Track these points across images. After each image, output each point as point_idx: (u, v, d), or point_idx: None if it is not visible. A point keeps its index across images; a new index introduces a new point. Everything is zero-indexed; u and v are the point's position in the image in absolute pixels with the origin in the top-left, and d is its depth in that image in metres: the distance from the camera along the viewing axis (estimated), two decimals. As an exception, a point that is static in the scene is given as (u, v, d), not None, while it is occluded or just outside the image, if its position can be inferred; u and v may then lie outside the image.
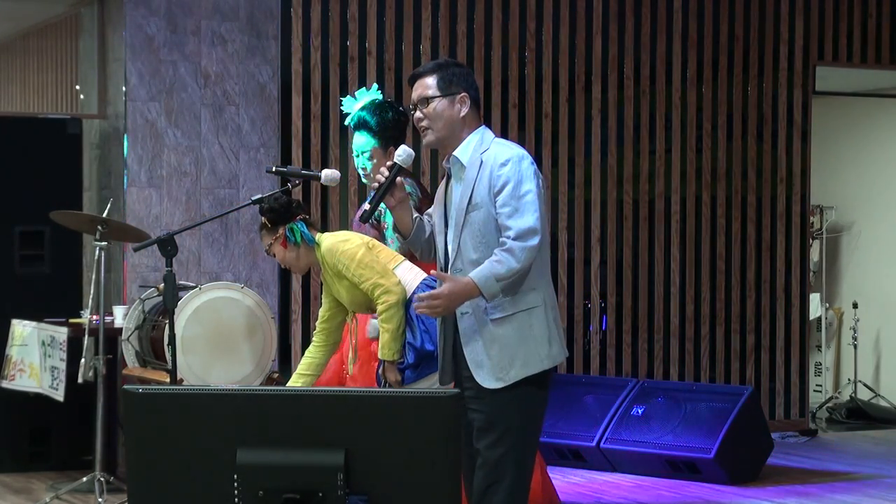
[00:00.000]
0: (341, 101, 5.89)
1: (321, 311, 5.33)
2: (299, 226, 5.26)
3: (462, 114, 4.37)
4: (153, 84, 7.53)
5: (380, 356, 5.10)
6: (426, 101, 4.38)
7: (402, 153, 4.32)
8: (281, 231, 5.26)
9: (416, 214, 4.44)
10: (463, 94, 4.36)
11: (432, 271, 4.85)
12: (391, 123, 5.71)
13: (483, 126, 4.42)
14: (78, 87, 8.43)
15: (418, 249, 4.50)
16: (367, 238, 5.26)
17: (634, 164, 8.63)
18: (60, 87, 8.86)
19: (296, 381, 5.27)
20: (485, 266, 4.21)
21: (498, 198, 4.26)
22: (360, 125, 5.66)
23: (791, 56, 9.01)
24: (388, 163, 4.34)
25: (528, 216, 4.23)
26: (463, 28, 8.13)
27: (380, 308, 5.07)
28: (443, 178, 4.49)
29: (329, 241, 5.22)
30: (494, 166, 4.28)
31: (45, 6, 8.59)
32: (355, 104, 5.73)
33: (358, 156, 5.69)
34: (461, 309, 4.31)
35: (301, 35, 7.78)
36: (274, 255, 5.35)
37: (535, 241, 4.22)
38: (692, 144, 8.78)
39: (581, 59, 8.45)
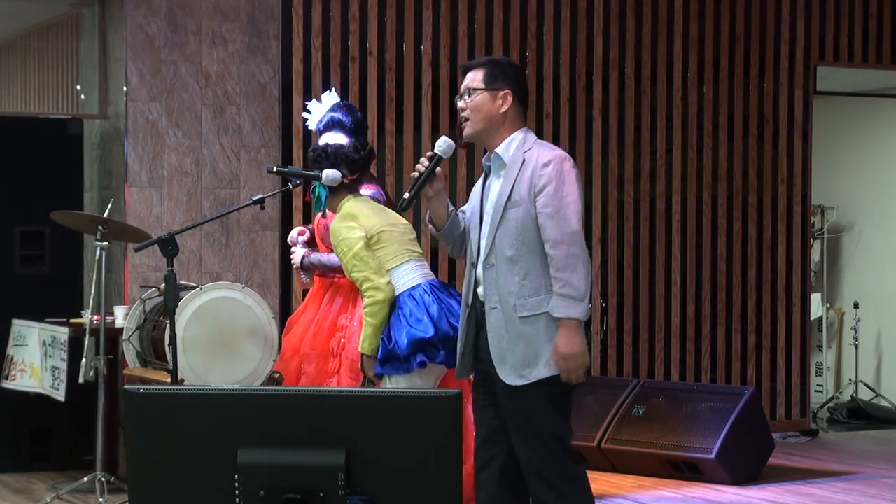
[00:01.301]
0: (306, 106, 5.97)
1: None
2: (323, 190, 5.37)
3: (503, 110, 4.38)
4: (154, 84, 7.53)
5: (360, 349, 5.22)
6: (469, 92, 4.40)
7: (443, 144, 4.35)
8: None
9: (451, 208, 4.45)
10: (506, 91, 4.37)
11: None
12: (362, 122, 5.87)
13: (526, 127, 4.44)
14: (79, 87, 8.43)
15: (450, 244, 4.51)
16: (380, 226, 5.27)
17: (635, 164, 8.63)
18: (61, 87, 8.86)
19: None
20: (554, 299, 4.24)
21: (539, 197, 4.28)
22: (334, 125, 5.77)
23: (792, 56, 9.01)
24: (429, 153, 4.35)
25: (570, 217, 4.26)
26: (464, 28, 8.13)
27: (366, 301, 5.16)
28: (479, 176, 4.51)
29: (337, 222, 5.31)
30: (537, 166, 4.30)
31: (45, 6, 8.59)
32: (321, 107, 5.82)
33: None
34: (490, 304, 4.33)
35: (302, 35, 7.78)
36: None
37: (579, 239, 4.26)
38: (693, 144, 8.78)
39: (582, 59, 8.45)
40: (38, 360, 6.90)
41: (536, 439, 4.32)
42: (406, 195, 4.36)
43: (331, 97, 5.88)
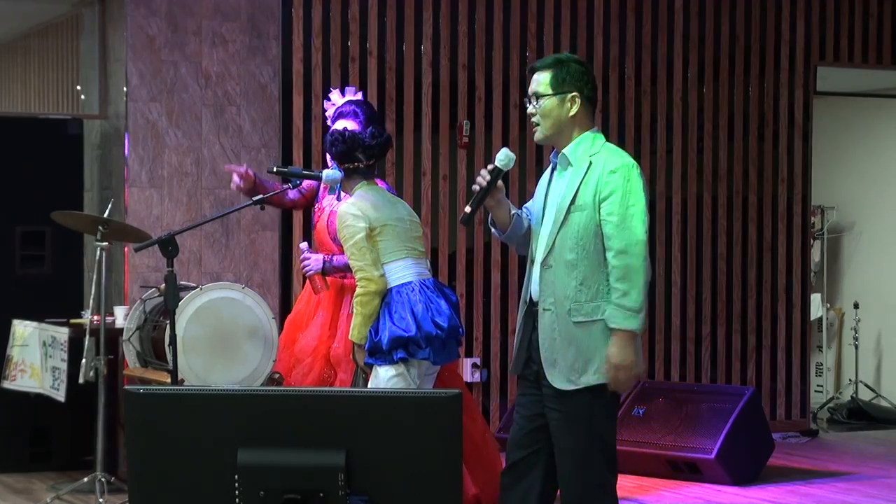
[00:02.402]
0: (328, 96, 6.02)
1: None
2: (337, 174, 5.48)
3: (571, 113, 4.35)
4: (154, 84, 7.53)
5: (350, 337, 5.39)
6: (537, 97, 4.38)
7: (503, 157, 4.34)
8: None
9: (513, 210, 4.43)
10: (574, 93, 4.34)
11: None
12: (375, 117, 5.99)
13: (595, 128, 4.42)
14: (79, 88, 8.43)
15: (514, 243, 4.51)
16: (385, 220, 5.31)
17: (635, 165, 8.62)
18: (61, 88, 8.86)
19: None
20: (611, 309, 4.24)
21: (604, 205, 4.26)
22: (347, 114, 5.89)
23: (792, 56, 9.01)
24: (490, 166, 4.33)
25: (636, 228, 4.27)
26: (464, 28, 8.13)
27: (357, 290, 5.31)
28: (547, 168, 4.50)
29: (343, 207, 5.42)
30: (603, 172, 4.28)
31: (46, 6, 8.59)
32: (342, 100, 5.98)
33: None
34: (543, 304, 4.32)
35: (302, 35, 7.78)
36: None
37: (643, 251, 4.27)
38: (693, 145, 8.78)
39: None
40: (39, 360, 6.90)
41: (577, 444, 4.31)
42: (467, 209, 4.32)
43: (354, 94, 5.95)
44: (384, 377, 5.25)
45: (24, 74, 9.67)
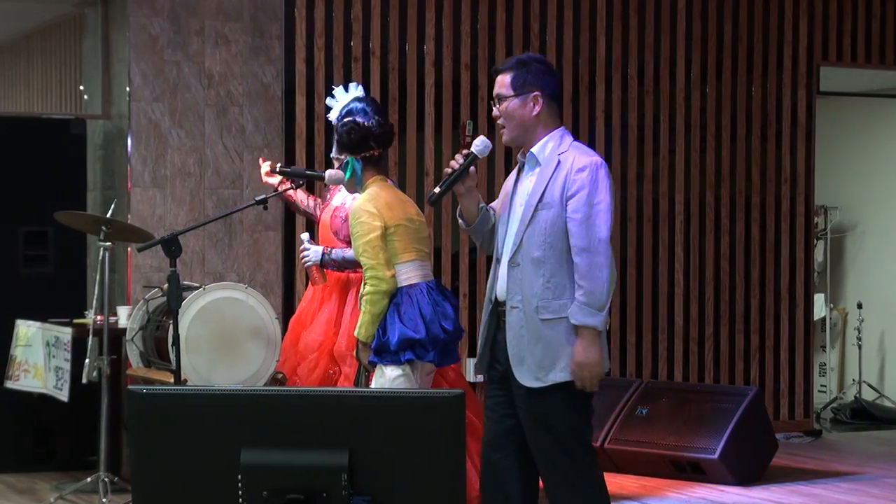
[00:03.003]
0: (332, 93, 5.99)
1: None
2: (357, 164, 5.42)
3: (535, 113, 4.38)
4: (157, 84, 7.53)
5: (355, 334, 5.34)
6: (500, 99, 4.41)
7: (480, 143, 4.37)
8: (343, 156, 5.46)
9: (482, 204, 4.45)
10: (536, 93, 4.37)
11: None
12: (381, 113, 5.92)
13: (562, 127, 4.44)
14: (82, 88, 8.44)
15: (479, 239, 4.53)
16: (398, 220, 5.30)
17: (638, 165, 8.63)
18: (64, 88, 8.87)
19: None
20: (574, 306, 4.25)
21: (570, 202, 4.28)
22: (355, 112, 5.81)
23: (795, 56, 9.00)
24: (465, 151, 4.35)
25: (600, 225, 4.26)
26: (467, 28, 8.13)
27: (367, 288, 5.27)
28: (514, 168, 4.52)
29: (359, 202, 5.38)
30: (571, 170, 4.30)
31: (48, 6, 8.59)
32: (346, 96, 5.93)
33: None
34: (511, 302, 4.34)
35: (304, 35, 7.78)
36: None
37: (607, 248, 4.26)
38: (696, 145, 8.78)
39: (585, 59, 8.45)
40: (42, 360, 6.90)
41: (553, 438, 4.32)
42: (436, 189, 4.37)
43: (357, 90, 5.92)
44: (390, 377, 5.25)
45: (27, 74, 9.67)
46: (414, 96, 8.03)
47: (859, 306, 10.08)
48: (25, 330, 7.06)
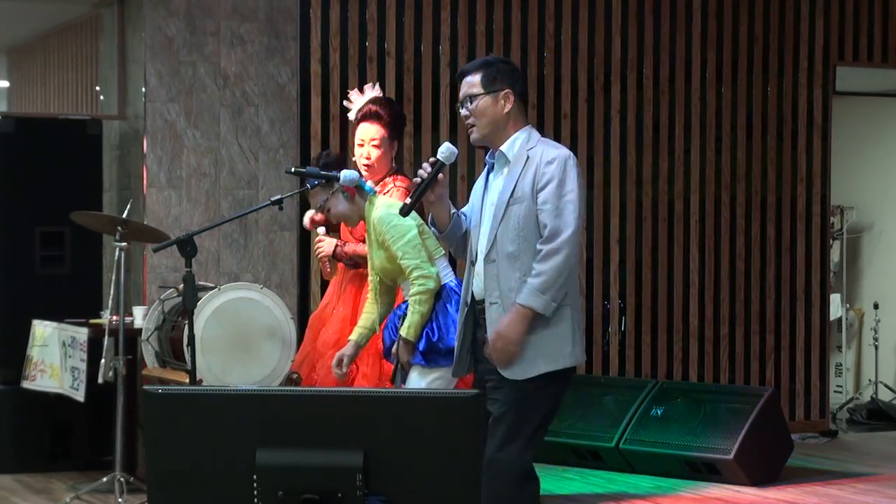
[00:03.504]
0: (348, 95, 5.99)
1: (370, 279, 5.42)
2: (355, 175, 5.36)
3: (506, 110, 4.42)
4: (172, 85, 7.55)
5: (402, 333, 5.19)
6: (471, 98, 4.42)
7: (446, 150, 4.37)
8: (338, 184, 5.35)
9: (453, 210, 4.48)
10: (507, 90, 4.40)
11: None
12: (400, 115, 5.93)
13: (530, 125, 4.48)
14: (98, 88, 8.46)
15: (452, 245, 4.56)
16: (419, 220, 5.29)
17: (654, 165, 8.62)
18: (80, 88, 8.89)
19: (354, 333, 5.45)
20: (525, 286, 4.27)
21: (540, 194, 4.32)
22: (371, 116, 5.79)
23: (811, 56, 8.98)
24: (431, 159, 4.37)
25: (568, 216, 4.30)
26: (482, 28, 8.13)
27: (416, 288, 5.15)
28: (483, 171, 4.53)
29: (382, 210, 5.27)
30: (540, 163, 4.34)
31: (65, 7, 8.62)
32: (362, 98, 5.89)
33: (363, 145, 5.76)
34: (490, 299, 4.36)
35: (320, 36, 7.79)
36: (328, 211, 5.42)
37: (571, 238, 4.29)
38: (711, 145, 8.76)
39: (600, 59, 8.44)
40: (58, 360, 6.92)
41: (519, 428, 4.34)
42: (407, 200, 4.39)
43: (374, 91, 5.92)
44: (430, 377, 5.19)
45: (43, 75, 9.70)
46: (429, 96, 8.03)
47: (875, 306, 10.06)
48: (42, 330, 7.08)
